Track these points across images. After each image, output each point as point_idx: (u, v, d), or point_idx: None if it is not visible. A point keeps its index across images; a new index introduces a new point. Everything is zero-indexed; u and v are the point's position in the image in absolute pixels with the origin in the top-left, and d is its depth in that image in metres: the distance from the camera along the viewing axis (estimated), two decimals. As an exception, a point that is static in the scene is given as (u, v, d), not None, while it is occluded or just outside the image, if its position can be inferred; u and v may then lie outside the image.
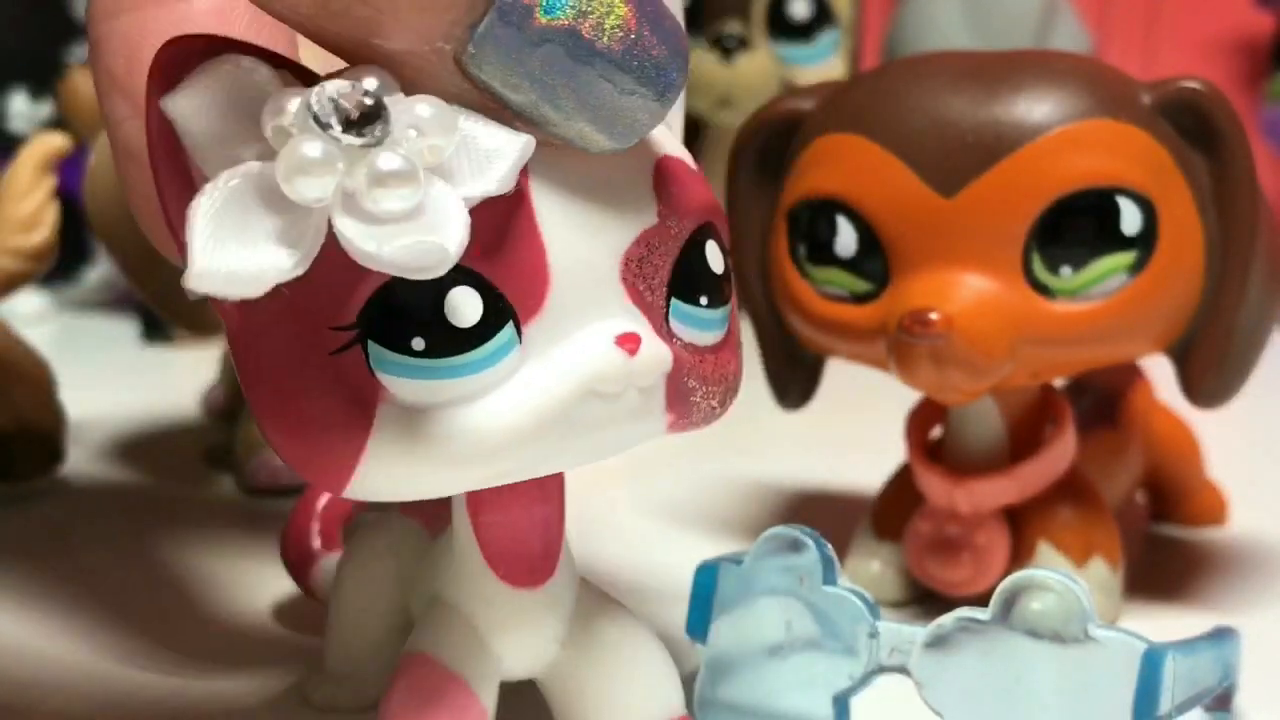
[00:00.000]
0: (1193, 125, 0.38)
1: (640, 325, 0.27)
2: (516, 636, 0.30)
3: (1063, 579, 0.30)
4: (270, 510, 0.51)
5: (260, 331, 0.26)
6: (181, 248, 0.24)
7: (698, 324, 0.28)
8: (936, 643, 0.31)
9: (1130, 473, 0.46)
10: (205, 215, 0.24)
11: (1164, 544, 0.47)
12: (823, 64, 0.79)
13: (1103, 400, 0.46)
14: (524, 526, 0.30)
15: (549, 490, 0.30)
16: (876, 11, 0.95)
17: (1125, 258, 0.37)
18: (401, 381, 0.25)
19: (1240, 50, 0.97)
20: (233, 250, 0.23)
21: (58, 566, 0.45)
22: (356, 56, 0.25)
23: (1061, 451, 0.40)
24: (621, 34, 0.25)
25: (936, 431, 0.42)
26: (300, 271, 0.24)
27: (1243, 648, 0.34)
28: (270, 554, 0.44)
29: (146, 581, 0.44)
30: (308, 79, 0.25)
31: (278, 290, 0.24)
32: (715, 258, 0.28)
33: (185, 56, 0.25)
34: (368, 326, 0.25)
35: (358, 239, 0.23)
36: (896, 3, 0.89)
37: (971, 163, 0.37)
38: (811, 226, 0.39)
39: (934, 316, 0.36)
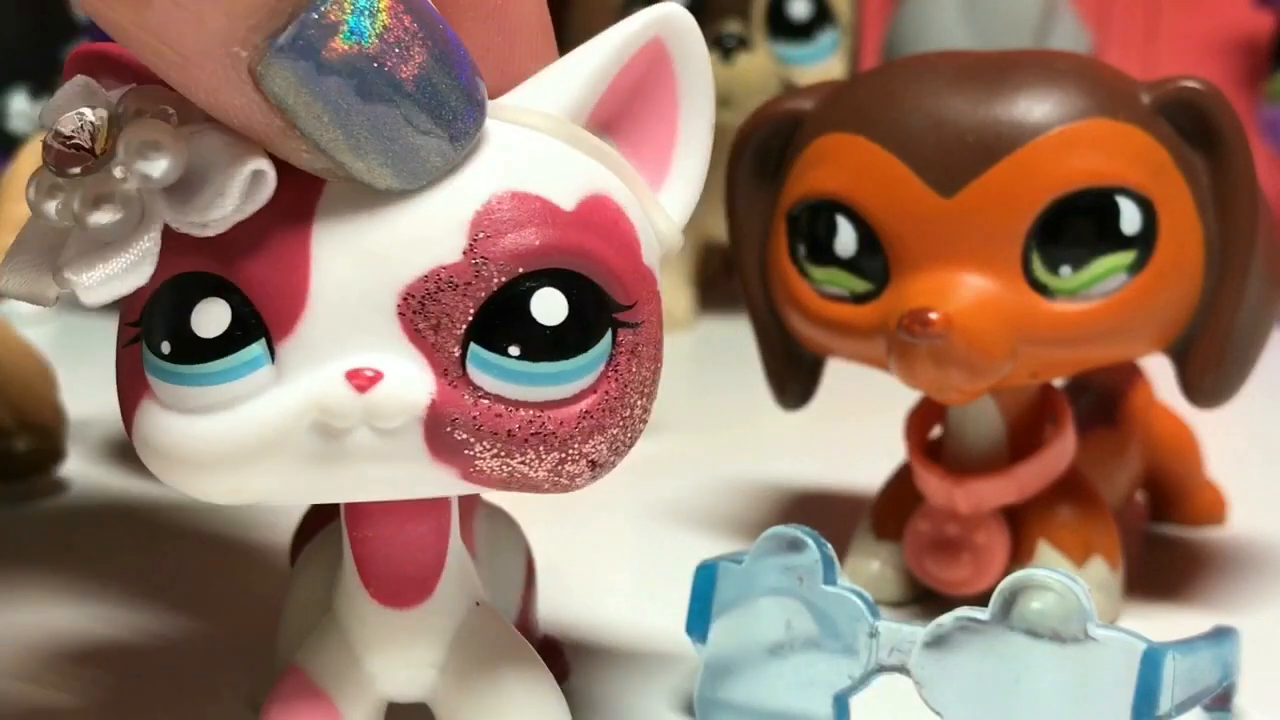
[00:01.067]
0: (1192, 125, 0.38)
1: (406, 363, 0.26)
2: (387, 657, 0.29)
3: (1062, 578, 0.30)
4: (270, 510, 0.51)
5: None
6: None
7: (509, 376, 0.26)
8: (936, 642, 0.31)
9: (1130, 473, 0.46)
10: (71, 247, 0.26)
11: (1164, 544, 0.47)
12: (822, 64, 0.79)
13: (1103, 400, 0.46)
14: (397, 545, 0.29)
15: (428, 510, 0.29)
16: (876, 11, 0.95)
17: (1125, 257, 0.37)
18: (156, 383, 0.26)
19: (1240, 50, 0.97)
20: (97, 268, 0.25)
21: (58, 566, 0.45)
22: (157, 59, 0.25)
23: (1061, 451, 0.40)
24: (419, 69, 0.25)
25: (936, 431, 0.42)
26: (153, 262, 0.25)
27: (1243, 647, 0.34)
28: (270, 554, 0.44)
29: (146, 581, 0.44)
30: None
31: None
32: (548, 308, 0.26)
33: (76, 65, 0.27)
34: (142, 325, 0.26)
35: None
36: (896, 3, 0.89)
37: (971, 162, 0.37)
38: (811, 226, 0.39)
39: (934, 316, 0.36)
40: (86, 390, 0.56)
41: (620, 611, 0.42)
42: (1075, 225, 0.37)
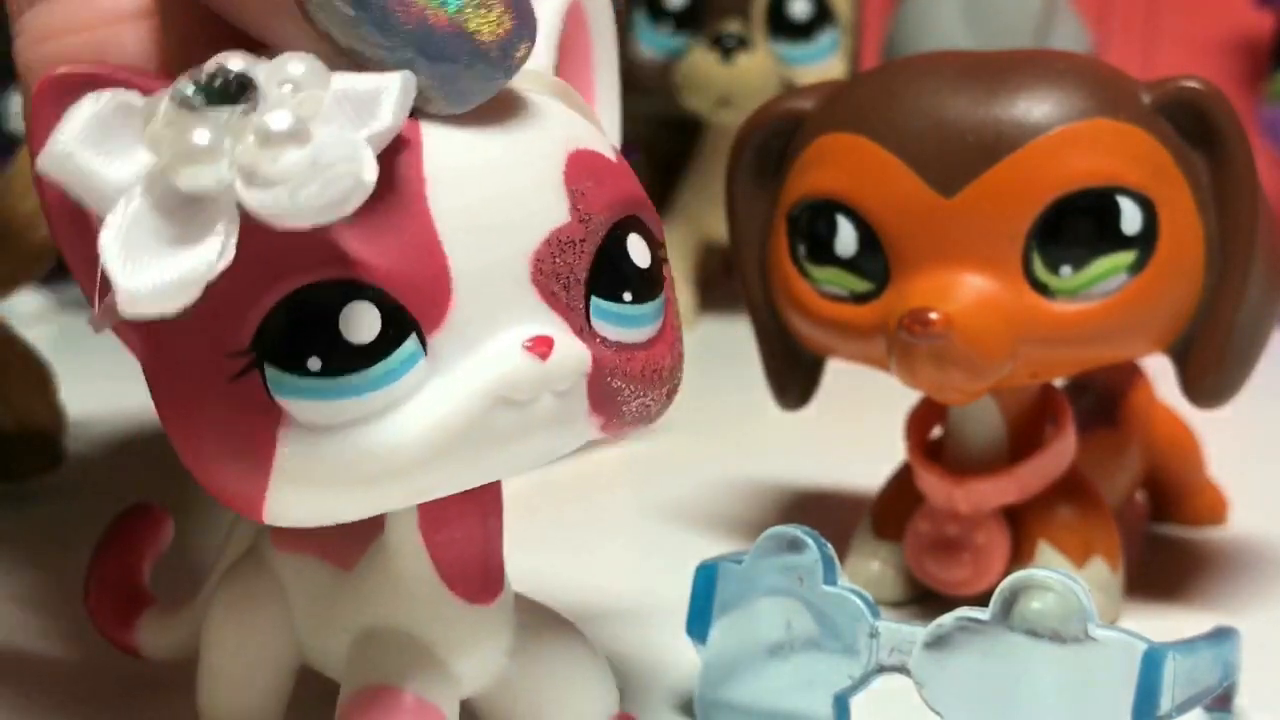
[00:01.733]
0: (1193, 125, 0.38)
1: (555, 327, 0.26)
2: (476, 654, 0.30)
3: (1062, 579, 0.30)
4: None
5: (163, 361, 0.26)
6: (91, 298, 0.24)
7: (623, 321, 0.27)
8: (936, 642, 0.31)
9: (1130, 472, 0.46)
10: (114, 243, 0.23)
11: (1164, 544, 0.47)
12: (823, 64, 0.79)
13: (1103, 400, 0.46)
14: (479, 541, 0.29)
15: (494, 503, 0.29)
16: (876, 11, 0.95)
17: (1125, 257, 0.37)
18: (301, 404, 0.25)
19: (1240, 50, 0.97)
20: (153, 266, 0.23)
21: (58, 566, 0.45)
22: (220, 6, 0.25)
23: (1061, 451, 0.40)
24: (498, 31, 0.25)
25: (936, 431, 0.42)
26: (225, 263, 0.23)
27: (1243, 648, 0.34)
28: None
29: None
30: None
31: (178, 316, 0.23)
32: (639, 251, 0.27)
33: (52, 97, 0.25)
34: (262, 350, 0.25)
35: (269, 202, 0.23)
36: (896, 3, 0.89)
37: (971, 162, 0.37)
38: (811, 226, 0.39)
39: (934, 316, 0.36)
40: (86, 390, 0.56)
41: (620, 611, 0.42)
42: (1076, 225, 0.37)
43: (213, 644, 0.33)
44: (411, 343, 0.25)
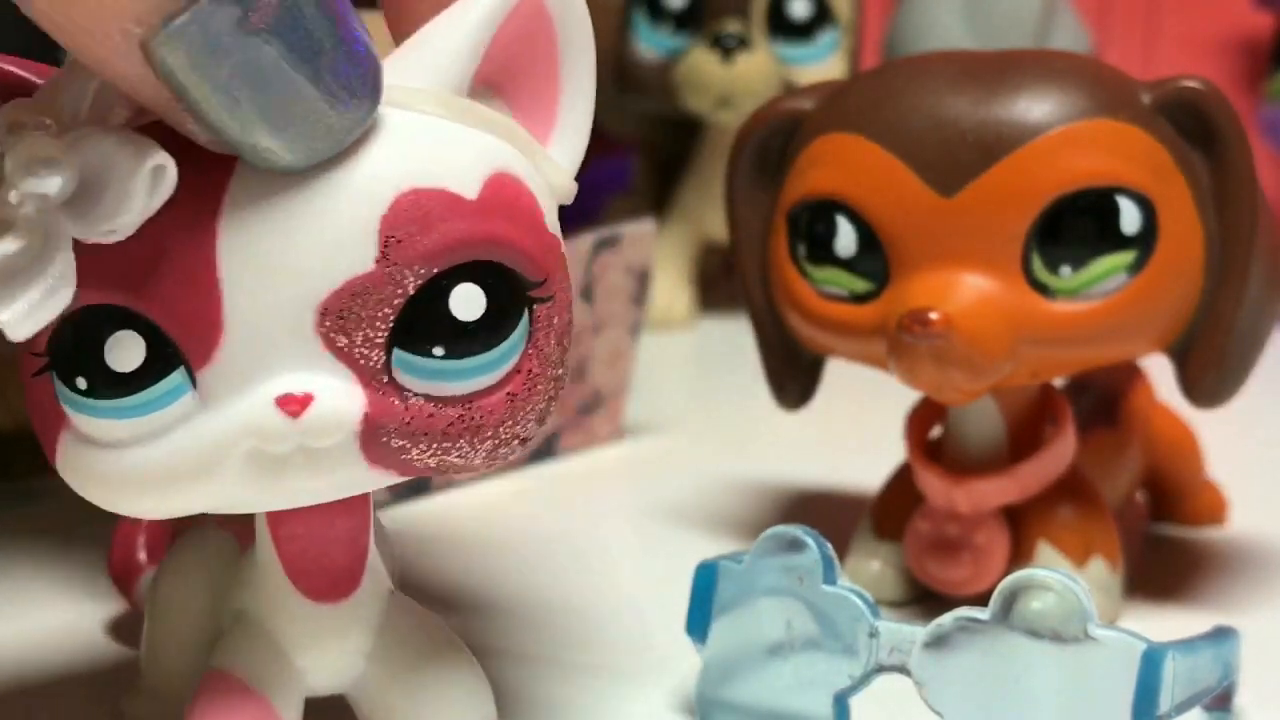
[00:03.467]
0: (1192, 125, 0.38)
1: (331, 378, 0.25)
2: (320, 651, 0.30)
3: (1062, 578, 0.30)
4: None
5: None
6: None
7: (435, 375, 0.26)
8: (936, 642, 0.31)
9: (1130, 473, 0.46)
10: None
11: (1164, 544, 0.47)
12: (823, 64, 0.79)
13: (1103, 400, 0.46)
14: (326, 539, 0.29)
15: (353, 505, 0.29)
16: (876, 11, 0.95)
17: (1125, 257, 0.37)
18: (74, 415, 0.26)
19: (1240, 50, 0.97)
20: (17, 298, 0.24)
21: (58, 566, 0.45)
22: (54, 29, 0.25)
23: (1061, 451, 0.40)
24: (308, 43, 0.24)
25: (936, 431, 0.42)
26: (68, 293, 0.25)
27: (1242, 647, 0.34)
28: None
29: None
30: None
31: None
32: (466, 304, 0.26)
33: None
34: (52, 357, 0.26)
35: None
36: (896, 3, 0.89)
37: (971, 162, 0.37)
38: (811, 226, 0.39)
39: (934, 316, 0.36)
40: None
41: (620, 611, 0.42)
42: (1075, 225, 0.37)
43: (151, 607, 0.34)
44: (179, 375, 0.25)
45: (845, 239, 0.39)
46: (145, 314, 0.25)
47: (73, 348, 0.26)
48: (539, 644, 0.39)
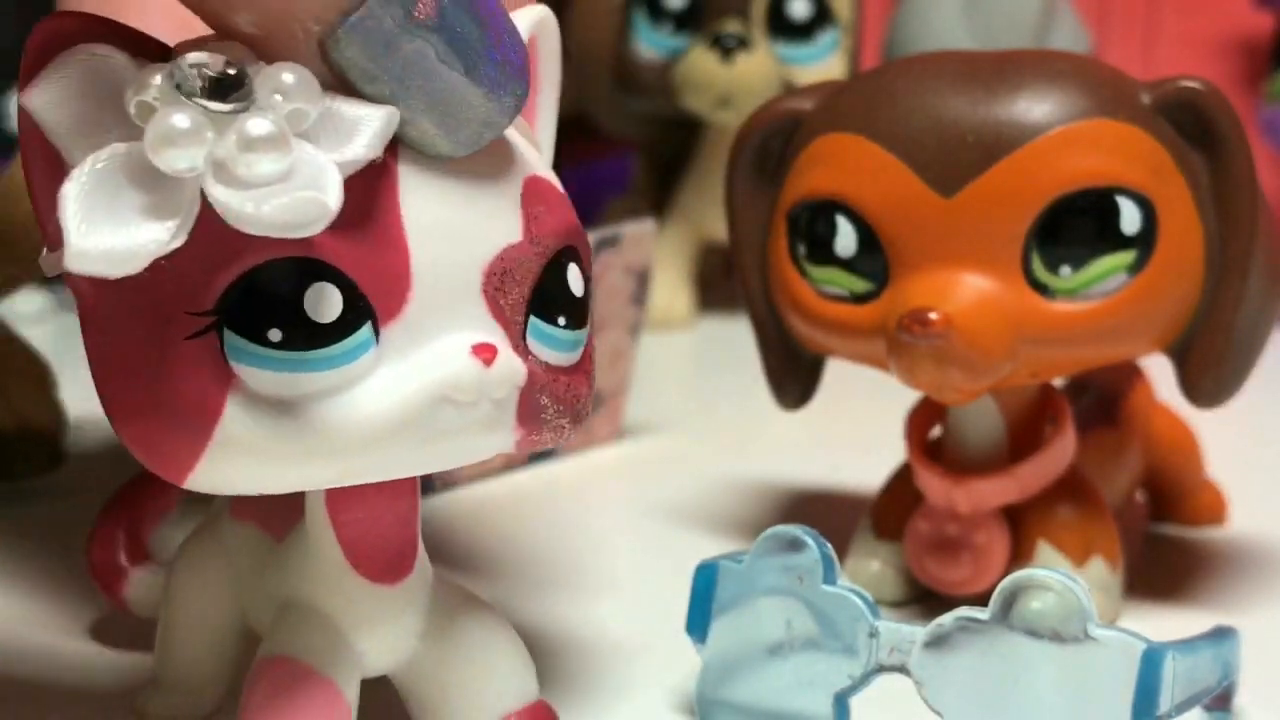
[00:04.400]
0: (1192, 125, 0.38)
1: (498, 338, 0.27)
2: (379, 633, 0.30)
3: (1062, 578, 0.30)
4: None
5: (113, 312, 0.26)
6: (49, 236, 0.25)
7: (554, 344, 0.28)
8: (936, 642, 0.31)
9: (1130, 472, 0.46)
10: (76, 198, 0.24)
11: (1164, 544, 0.47)
12: (823, 64, 0.79)
13: (1103, 400, 0.46)
14: (385, 523, 0.30)
15: (405, 486, 0.30)
16: (876, 11, 0.95)
17: (1125, 257, 0.37)
18: (255, 372, 0.25)
19: (1240, 50, 0.97)
20: (107, 229, 0.24)
21: (58, 566, 0.45)
22: (223, 28, 0.26)
23: (1061, 451, 0.40)
24: (471, 44, 0.26)
25: (936, 431, 0.42)
26: (177, 244, 0.24)
27: (1242, 647, 0.34)
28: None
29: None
30: (169, 55, 0.25)
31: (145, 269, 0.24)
32: (576, 280, 0.29)
33: (50, 41, 0.25)
34: (225, 314, 0.25)
35: (234, 203, 0.24)
36: (896, 3, 0.89)
37: (971, 162, 0.37)
38: (811, 226, 0.39)
39: (934, 316, 0.36)
40: (86, 390, 0.56)
41: (620, 611, 0.42)
42: (1075, 225, 0.37)
43: (167, 603, 0.34)
44: (366, 330, 0.26)
45: (845, 239, 0.39)
46: (339, 267, 0.26)
47: (264, 300, 0.25)
48: (538, 644, 0.39)
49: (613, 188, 0.90)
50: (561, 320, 0.28)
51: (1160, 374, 0.44)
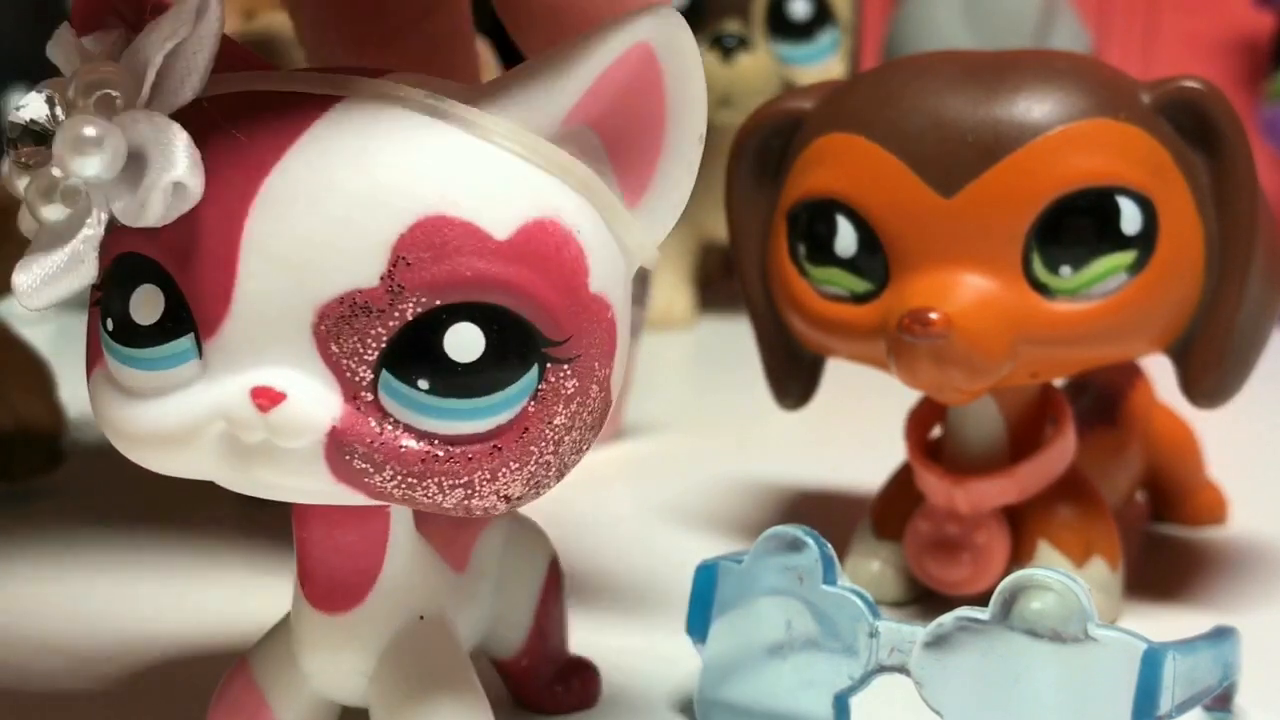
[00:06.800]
0: (1192, 125, 0.38)
1: (313, 382, 0.25)
2: (318, 659, 0.29)
3: (1062, 578, 0.30)
4: (269, 511, 0.51)
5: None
6: None
7: (416, 407, 0.25)
8: (936, 642, 0.31)
9: (1130, 472, 0.46)
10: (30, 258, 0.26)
11: (1164, 544, 0.47)
12: (823, 64, 0.79)
13: (1103, 400, 0.46)
14: (328, 549, 0.29)
15: (363, 518, 0.28)
16: (876, 11, 0.95)
17: (1125, 257, 0.37)
18: (106, 356, 0.27)
19: (1240, 50, 0.97)
20: (35, 265, 0.25)
21: (58, 566, 0.45)
22: None
23: (1061, 451, 0.40)
24: None
25: (936, 431, 0.42)
26: (89, 273, 0.25)
27: (1243, 647, 0.34)
28: (269, 555, 0.44)
29: (146, 582, 0.44)
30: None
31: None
32: (462, 344, 0.25)
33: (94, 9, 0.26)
34: (99, 297, 0.27)
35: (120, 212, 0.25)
36: (896, 3, 0.89)
37: (971, 162, 0.37)
38: (811, 226, 0.39)
39: (934, 316, 0.36)
40: (86, 390, 0.56)
41: (620, 611, 0.42)
42: (1075, 225, 0.37)
43: None
44: (188, 341, 0.26)
45: (845, 239, 0.39)
46: (171, 274, 0.26)
47: (110, 291, 0.26)
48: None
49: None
50: (422, 384, 0.25)
51: (1160, 374, 0.44)
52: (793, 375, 0.44)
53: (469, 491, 0.26)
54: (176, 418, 0.26)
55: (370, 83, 0.26)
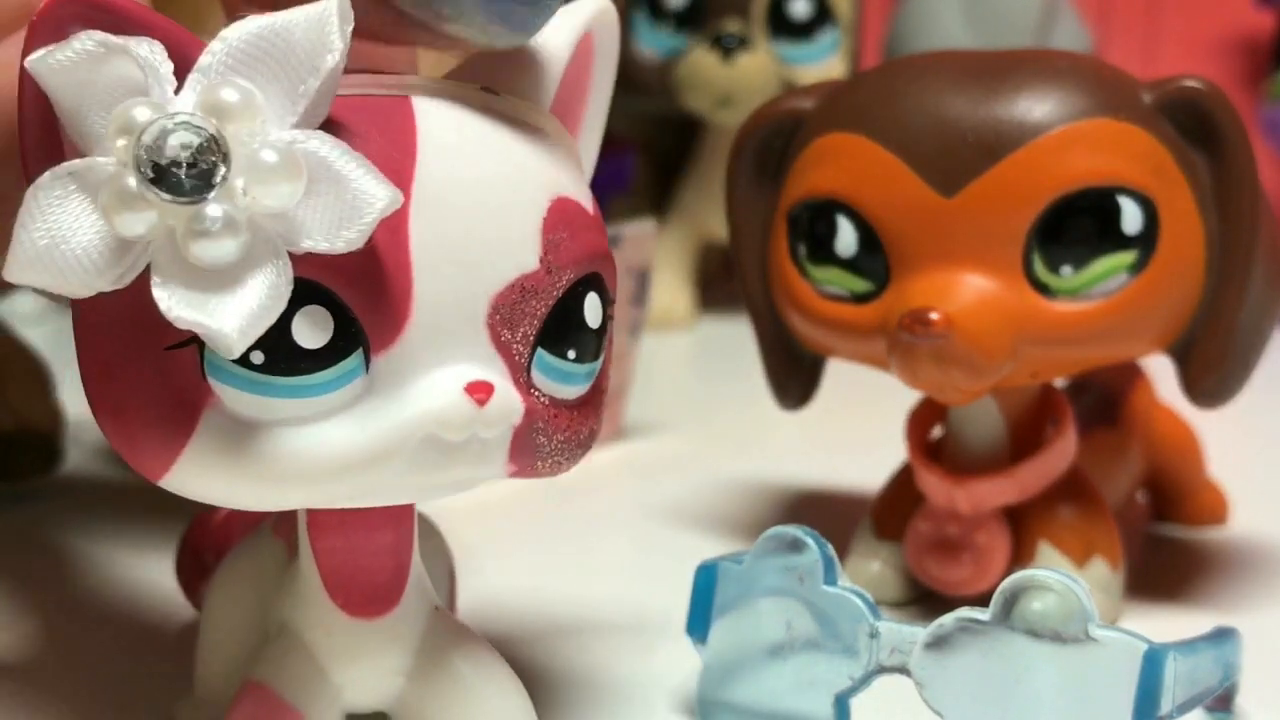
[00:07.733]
0: (1193, 124, 0.38)
1: (496, 373, 0.26)
2: (356, 668, 0.29)
3: (1063, 579, 0.30)
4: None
5: (104, 308, 0.25)
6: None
7: (561, 377, 0.27)
8: (936, 643, 0.31)
9: (1130, 473, 0.46)
10: (35, 205, 0.23)
11: (1164, 544, 0.47)
12: (823, 63, 0.79)
13: (1103, 400, 0.46)
14: (366, 553, 0.28)
15: (396, 517, 0.29)
16: (876, 11, 0.95)
17: (1126, 257, 0.37)
18: (234, 392, 0.24)
19: (1240, 50, 0.97)
20: (57, 252, 0.23)
21: (58, 566, 0.45)
22: None
23: (1062, 451, 0.40)
24: None
25: (937, 431, 0.42)
26: (115, 287, 0.24)
27: (1243, 648, 0.34)
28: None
29: (145, 582, 0.44)
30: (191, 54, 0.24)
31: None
32: (593, 311, 0.27)
33: (68, 12, 0.24)
34: None
35: (159, 291, 0.23)
36: (896, 2, 0.89)
37: (972, 162, 0.37)
38: (811, 226, 0.39)
39: (934, 316, 0.36)
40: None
41: (620, 612, 0.42)
42: (1076, 225, 0.37)
43: (208, 614, 0.33)
44: (356, 358, 0.25)
45: (845, 239, 0.39)
46: (335, 291, 0.24)
47: None
48: (538, 644, 0.39)
49: (613, 188, 0.90)
50: (571, 354, 0.27)
51: (1161, 374, 0.44)
52: (793, 375, 0.44)
53: (581, 450, 0.28)
54: (373, 436, 0.25)
55: (419, 80, 0.27)
